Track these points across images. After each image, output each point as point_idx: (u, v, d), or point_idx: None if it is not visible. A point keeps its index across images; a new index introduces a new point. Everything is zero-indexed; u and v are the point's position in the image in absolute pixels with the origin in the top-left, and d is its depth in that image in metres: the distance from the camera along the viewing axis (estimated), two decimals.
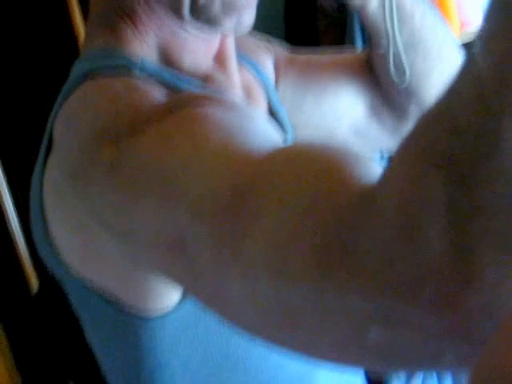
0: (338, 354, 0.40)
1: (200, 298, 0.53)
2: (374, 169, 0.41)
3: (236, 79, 0.75)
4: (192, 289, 0.55)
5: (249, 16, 0.69)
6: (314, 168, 0.42)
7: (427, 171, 0.32)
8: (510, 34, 0.29)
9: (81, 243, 0.65)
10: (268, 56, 0.89)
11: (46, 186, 0.67)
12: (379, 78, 0.86)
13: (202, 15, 0.67)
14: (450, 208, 0.31)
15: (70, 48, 1.75)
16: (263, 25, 0.71)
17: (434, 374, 1.42)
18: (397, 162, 0.35)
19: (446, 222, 0.31)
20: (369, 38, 0.84)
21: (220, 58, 0.74)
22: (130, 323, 0.65)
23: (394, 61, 0.79)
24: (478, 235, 0.30)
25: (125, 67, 0.65)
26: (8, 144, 1.86)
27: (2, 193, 1.86)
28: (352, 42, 1.84)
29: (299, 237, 0.39)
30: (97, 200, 0.59)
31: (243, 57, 0.83)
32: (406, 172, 0.34)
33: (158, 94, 0.62)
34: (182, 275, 0.54)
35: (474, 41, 0.32)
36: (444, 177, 0.31)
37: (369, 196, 0.36)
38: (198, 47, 0.71)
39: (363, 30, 1.83)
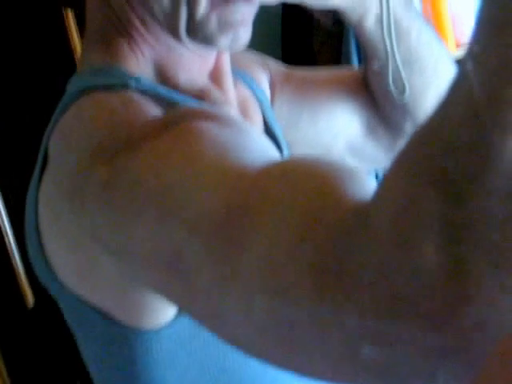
0: (333, 371, 0.40)
1: (196, 316, 0.53)
2: (368, 184, 0.42)
3: (231, 95, 0.76)
4: (188, 307, 0.54)
5: (245, 33, 0.69)
6: (307, 185, 0.42)
7: (420, 188, 0.32)
8: (500, 48, 0.30)
9: (76, 260, 0.65)
10: (264, 72, 0.89)
11: (41, 202, 0.67)
12: (375, 95, 0.86)
13: (198, 33, 0.67)
14: (443, 224, 0.31)
15: (66, 63, 1.75)
16: (260, 42, 0.72)
17: None
18: (390, 179, 0.35)
19: (441, 238, 0.31)
20: (364, 54, 0.85)
21: (216, 74, 0.75)
22: (126, 337, 0.65)
23: (392, 76, 0.79)
24: (472, 250, 0.30)
25: (121, 84, 0.65)
26: (3, 159, 1.86)
27: None
28: (348, 59, 1.84)
29: (293, 257, 0.39)
30: (93, 218, 0.58)
31: (239, 73, 0.83)
32: (399, 189, 0.34)
33: (153, 110, 0.62)
34: (177, 294, 0.53)
35: (464, 56, 0.32)
36: (437, 193, 0.31)
37: (362, 213, 0.36)
38: (193, 63, 0.72)
39: (359, 46, 1.83)
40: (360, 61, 1.84)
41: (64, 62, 1.76)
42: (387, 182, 0.35)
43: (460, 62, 0.32)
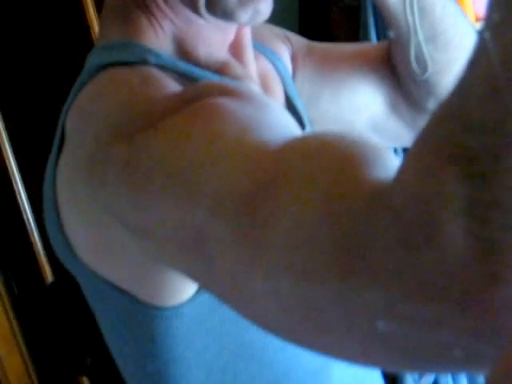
0: (361, 353, 0.40)
1: (219, 296, 0.53)
2: (391, 161, 0.41)
3: (252, 69, 0.75)
4: (211, 287, 0.54)
5: (265, 7, 0.67)
6: (331, 163, 0.42)
7: (444, 167, 0.31)
8: None
9: (95, 238, 0.65)
10: (285, 46, 0.88)
11: (59, 180, 0.66)
12: (399, 71, 0.85)
13: (217, 8, 0.66)
14: (469, 203, 0.30)
15: (83, 38, 1.75)
16: (277, 15, 0.70)
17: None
18: (412, 159, 0.34)
19: (467, 218, 0.30)
20: (383, 28, 0.83)
21: (236, 48, 0.74)
22: (146, 314, 0.65)
23: (415, 53, 0.78)
24: (499, 229, 0.30)
25: (140, 60, 0.64)
26: (21, 137, 1.86)
27: (16, 185, 1.87)
28: (366, 32, 1.83)
29: (317, 237, 0.38)
30: (113, 197, 0.58)
31: (260, 46, 0.82)
32: (421, 169, 0.33)
33: (173, 85, 0.62)
34: (200, 274, 0.53)
35: (482, 27, 0.31)
36: (461, 173, 0.30)
37: (384, 193, 0.35)
38: (213, 37, 0.71)
39: (377, 20, 1.82)
40: (378, 35, 1.82)
41: (81, 37, 1.75)
42: (408, 162, 0.35)
43: (478, 34, 0.31)
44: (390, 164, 0.40)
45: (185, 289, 0.64)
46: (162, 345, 0.67)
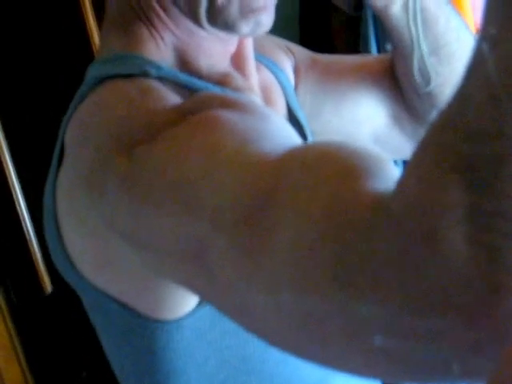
0: (365, 365, 0.39)
1: (220, 308, 0.52)
2: (392, 172, 0.41)
3: (254, 81, 0.75)
4: (212, 300, 0.54)
5: (267, 19, 0.67)
6: (330, 174, 0.41)
7: (445, 176, 0.31)
8: None
9: (94, 250, 0.64)
10: (288, 58, 0.88)
11: (59, 192, 0.66)
12: (401, 83, 0.85)
13: (219, 19, 0.66)
14: (471, 211, 0.30)
15: (82, 48, 1.75)
16: (277, 25, 0.70)
17: None
18: (412, 168, 0.34)
19: (469, 226, 0.30)
20: (383, 39, 0.83)
21: (238, 59, 0.73)
22: (146, 327, 0.65)
23: (418, 64, 0.78)
24: (502, 237, 0.29)
25: (141, 72, 0.64)
26: (21, 147, 1.86)
27: (15, 195, 1.87)
28: (366, 42, 1.83)
29: (318, 250, 0.38)
30: (113, 209, 0.58)
31: (262, 58, 0.82)
32: (422, 178, 0.33)
33: (173, 97, 0.61)
34: (201, 286, 0.53)
35: (479, 38, 0.31)
36: (462, 181, 0.30)
37: (384, 203, 0.35)
38: (215, 48, 0.71)
39: (377, 31, 1.82)
40: (378, 45, 1.82)
41: (80, 47, 1.75)
42: (410, 170, 0.34)
43: (475, 44, 0.32)
44: (391, 174, 0.40)
45: (186, 302, 0.63)
46: (162, 358, 0.66)
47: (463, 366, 0.33)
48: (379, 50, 1.81)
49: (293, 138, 0.54)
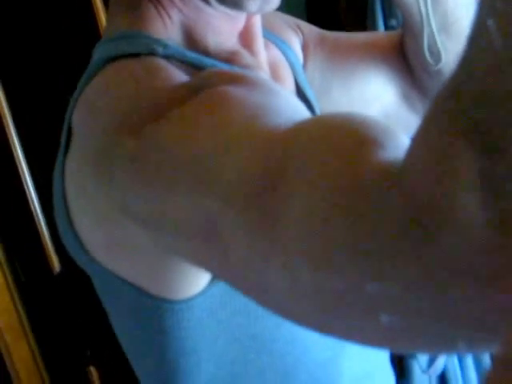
0: (384, 338, 0.39)
1: (235, 285, 0.52)
2: (402, 141, 0.40)
3: (262, 57, 0.74)
4: (226, 277, 0.53)
5: None
6: (340, 144, 0.41)
7: (455, 143, 0.31)
8: None
9: (104, 232, 0.64)
10: (296, 35, 0.87)
11: (67, 175, 0.66)
12: (411, 61, 0.84)
13: None
14: (484, 176, 0.29)
15: (90, 31, 1.74)
16: (284, 3, 0.69)
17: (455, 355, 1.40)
18: (421, 138, 0.34)
19: (483, 192, 0.29)
20: (390, 16, 0.82)
21: (246, 36, 0.73)
22: (157, 307, 0.65)
23: (427, 42, 0.77)
24: None
25: (147, 51, 0.63)
26: (28, 126, 1.86)
27: (23, 175, 1.87)
28: (373, 20, 1.82)
29: (330, 223, 0.37)
30: (123, 191, 0.57)
31: (270, 35, 0.81)
32: (432, 146, 0.32)
33: (180, 75, 0.61)
34: (215, 263, 0.52)
35: (482, 11, 0.30)
36: (474, 147, 0.30)
37: (396, 174, 0.35)
38: (223, 25, 0.70)
39: (384, 8, 1.81)
40: (386, 22, 1.81)
41: (87, 28, 1.75)
42: (418, 139, 0.34)
43: (478, 16, 0.31)
44: (401, 143, 0.39)
45: (196, 281, 0.63)
46: (173, 337, 0.66)
47: (492, 329, 0.32)
48: (386, 28, 1.80)
49: (302, 112, 0.54)
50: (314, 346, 0.71)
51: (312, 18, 2.03)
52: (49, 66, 1.82)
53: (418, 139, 0.34)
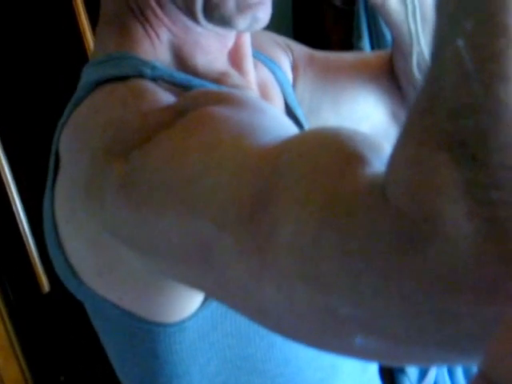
0: (387, 353, 0.39)
1: (232, 307, 0.52)
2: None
3: (252, 77, 0.74)
4: (223, 299, 0.53)
5: (264, 14, 0.66)
6: (328, 163, 0.41)
7: (433, 156, 0.31)
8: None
9: (95, 257, 0.64)
10: (285, 55, 0.87)
11: (57, 199, 0.66)
12: (400, 79, 0.85)
13: (215, 14, 0.65)
14: (466, 187, 0.30)
15: (77, 51, 1.74)
16: (270, 22, 0.69)
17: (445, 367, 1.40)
18: (399, 150, 0.34)
19: (468, 201, 0.30)
20: (376, 32, 0.83)
21: (235, 56, 0.73)
22: (149, 331, 0.64)
23: (417, 60, 0.77)
24: (503, 209, 0.29)
25: (135, 74, 0.63)
26: (15, 146, 1.86)
27: (12, 196, 1.86)
28: (359, 38, 1.83)
29: (320, 242, 0.37)
30: (114, 215, 0.57)
31: (260, 54, 0.82)
32: (410, 161, 0.32)
33: (168, 96, 0.61)
34: (210, 285, 0.52)
35: (452, 32, 0.32)
36: (452, 159, 0.30)
37: (380, 190, 0.35)
38: (212, 44, 0.70)
39: (370, 26, 1.82)
40: (372, 41, 1.82)
41: (74, 48, 1.75)
42: (397, 153, 0.34)
43: (444, 36, 0.32)
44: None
45: (189, 304, 0.63)
46: (165, 361, 0.66)
47: (477, 343, 0.32)
48: (372, 44, 1.81)
49: (289, 129, 0.53)
50: (306, 367, 0.71)
51: (298, 36, 2.04)
52: (37, 88, 1.82)
53: (396, 154, 0.34)
